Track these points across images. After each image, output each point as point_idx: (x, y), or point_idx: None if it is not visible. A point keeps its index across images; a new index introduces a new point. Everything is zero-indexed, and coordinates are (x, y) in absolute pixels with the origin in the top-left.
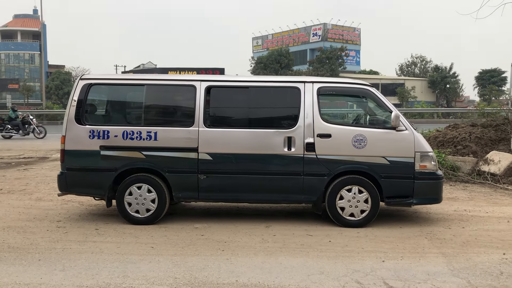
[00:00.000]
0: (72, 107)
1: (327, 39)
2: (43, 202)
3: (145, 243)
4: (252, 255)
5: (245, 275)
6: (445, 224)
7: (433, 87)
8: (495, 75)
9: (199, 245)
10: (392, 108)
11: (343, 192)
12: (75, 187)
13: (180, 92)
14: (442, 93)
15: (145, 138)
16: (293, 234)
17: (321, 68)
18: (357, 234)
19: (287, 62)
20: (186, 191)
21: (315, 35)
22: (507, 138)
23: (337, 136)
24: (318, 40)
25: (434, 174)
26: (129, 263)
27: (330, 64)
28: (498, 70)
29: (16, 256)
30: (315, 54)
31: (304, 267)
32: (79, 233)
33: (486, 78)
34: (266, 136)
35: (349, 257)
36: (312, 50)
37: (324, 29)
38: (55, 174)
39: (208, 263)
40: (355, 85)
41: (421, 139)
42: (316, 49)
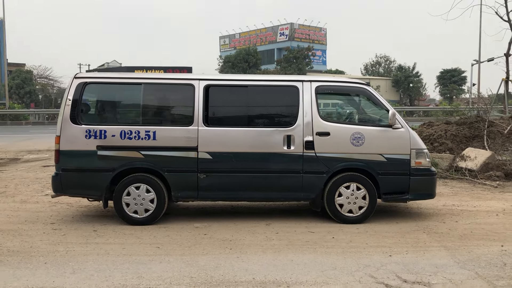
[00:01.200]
0: (67, 106)
1: (294, 38)
2: (29, 204)
3: (150, 244)
4: (261, 253)
5: (260, 273)
6: (438, 218)
7: (397, 86)
8: (456, 75)
9: (205, 244)
10: (389, 107)
11: (342, 189)
12: (70, 188)
13: (179, 91)
14: (405, 92)
15: (143, 137)
16: (295, 231)
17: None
18: (357, 230)
19: (255, 61)
20: (185, 191)
21: (282, 35)
22: (480, 135)
23: (336, 134)
24: (285, 40)
25: (428, 171)
26: (140, 264)
27: (297, 63)
28: (459, 69)
29: (19, 259)
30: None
31: (315, 264)
32: (77, 235)
33: (447, 77)
34: (265, 134)
35: (357, 253)
36: (280, 50)
37: (291, 29)
38: (32, 176)
39: (220, 262)
40: (352, 84)
41: (416, 136)
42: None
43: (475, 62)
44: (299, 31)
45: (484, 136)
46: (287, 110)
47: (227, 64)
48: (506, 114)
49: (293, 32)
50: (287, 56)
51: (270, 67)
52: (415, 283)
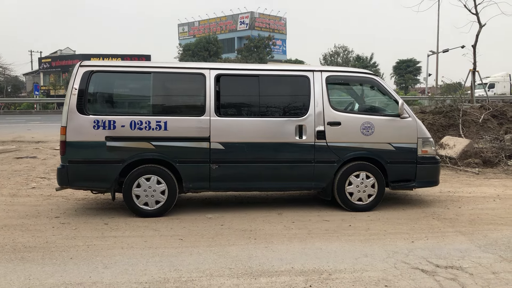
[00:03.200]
0: (73, 96)
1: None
2: (21, 198)
3: (170, 236)
4: (287, 242)
5: (296, 262)
6: (441, 204)
7: None
8: (411, 65)
9: (226, 235)
10: (396, 96)
11: (352, 178)
12: (77, 181)
13: (190, 80)
14: None
15: (154, 128)
16: (309, 220)
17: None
18: (369, 218)
19: (216, 49)
20: (197, 181)
21: (243, 23)
22: (455, 124)
23: (346, 124)
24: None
25: (434, 159)
26: (170, 257)
27: (258, 52)
28: (414, 60)
29: (41, 255)
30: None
31: (345, 251)
32: (90, 229)
33: (403, 67)
34: (277, 124)
35: (379, 240)
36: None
37: (251, 18)
38: (9, 168)
39: (251, 252)
40: (361, 74)
41: (422, 126)
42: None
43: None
44: (259, 20)
45: (459, 125)
46: (299, 100)
47: (187, 53)
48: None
49: (254, 21)
50: (248, 45)
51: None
52: (447, 267)
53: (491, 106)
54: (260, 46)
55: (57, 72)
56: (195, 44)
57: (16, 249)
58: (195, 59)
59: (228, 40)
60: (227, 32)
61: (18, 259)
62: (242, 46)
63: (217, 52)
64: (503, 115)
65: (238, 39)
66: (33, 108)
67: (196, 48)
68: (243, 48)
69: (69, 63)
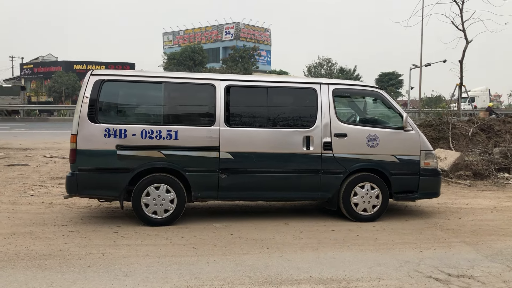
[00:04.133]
0: (84, 104)
1: (240, 38)
2: (22, 206)
3: (183, 244)
4: (300, 251)
5: (313, 271)
6: (442, 215)
7: None
8: (393, 78)
9: (238, 244)
10: (401, 110)
11: (357, 188)
12: (86, 189)
13: (200, 90)
14: None
15: (165, 137)
16: (317, 230)
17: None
18: (375, 228)
19: (201, 59)
20: (206, 191)
21: (228, 34)
22: (445, 137)
23: (352, 136)
24: (230, 39)
25: (435, 171)
26: (188, 265)
27: (243, 63)
28: (396, 73)
29: (58, 263)
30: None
31: (358, 260)
32: (101, 237)
33: (385, 80)
34: (286, 135)
35: (389, 249)
36: (225, 48)
37: (236, 28)
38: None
39: (266, 261)
40: (367, 87)
41: (424, 138)
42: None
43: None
44: (245, 30)
45: (449, 138)
46: (306, 111)
47: (172, 61)
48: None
49: (239, 32)
50: (233, 55)
51: (216, 65)
52: (459, 276)
53: (478, 120)
54: (245, 57)
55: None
56: (180, 53)
57: (31, 257)
58: (180, 68)
59: (213, 50)
60: (212, 42)
61: (35, 266)
62: (227, 56)
63: (202, 61)
64: (490, 128)
65: (223, 49)
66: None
67: (181, 57)
68: (228, 58)
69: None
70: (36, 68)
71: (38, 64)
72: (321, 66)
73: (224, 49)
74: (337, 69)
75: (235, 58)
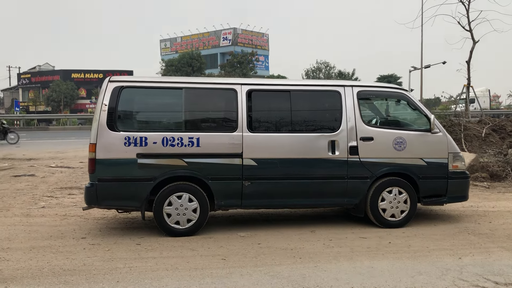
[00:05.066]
0: (103, 112)
1: (237, 43)
2: (36, 218)
3: (211, 255)
4: (335, 261)
5: (354, 281)
6: (470, 219)
7: None
8: (392, 80)
9: (268, 254)
10: (427, 112)
11: (384, 193)
12: (107, 200)
13: (221, 96)
14: None
15: (186, 144)
16: (346, 237)
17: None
18: (405, 234)
19: (199, 65)
20: (229, 199)
21: (225, 39)
22: (457, 138)
23: (379, 139)
24: (228, 45)
25: (464, 174)
26: (221, 278)
27: (241, 68)
28: (395, 75)
29: (85, 278)
30: (226, 58)
31: (397, 269)
32: (124, 250)
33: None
34: (310, 140)
35: (425, 257)
36: (223, 54)
37: (234, 34)
38: (10, 187)
39: (302, 272)
40: (392, 89)
41: (452, 141)
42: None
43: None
44: (242, 36)
45: (461, 140)
46: (330, 115)
47: (170, 68)
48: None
49: (236, 37)
50: (231, 60)
51: (214, 71)
52: (507, 284)
53: (489, 121)
54: (243, 62)
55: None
56: (179, 59)
57: (55, 273)
58: (178, 74)
59: (211, 56)
60: (209, 48)
61: (62, 282)
62: (225, 62)
63: (200, 67)
64: (502, 129)
65: (221, 54)
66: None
67: (180, 64)
68: (226, 63)
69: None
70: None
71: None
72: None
73: (222, 54)
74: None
75: (233, 64)
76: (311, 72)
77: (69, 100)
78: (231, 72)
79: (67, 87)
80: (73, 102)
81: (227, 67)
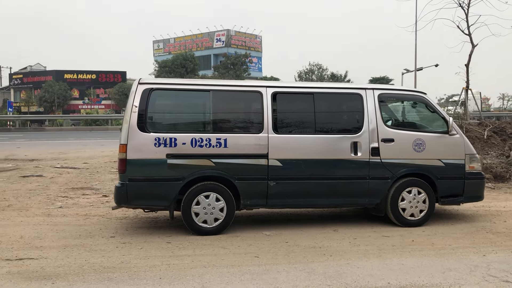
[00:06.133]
0: (133, 113)
1: (231, 45)
2: (58, 217)
3: (243, 253)
4: (365, 258)
5: (389, 278)
6: (485, 219)
7: None
8: (384, 83)
9: (299, 252)
10: (445, 114)
11: (404, 193)
12: (137, 199)
13: (247, 98)
14: None
15: (214, 145)
16: (369, 236)
17: (226, 73)
18: (426, 233)
19: (193, 66)
20: (255, 198)
21: (219, 41)
22: None
23: (399, 141)
24: (222, 46)
25: (480, 174)
26: (260, 274)
27: (235, 70)
28: (386, 78)
29: (127, 276)
30: (219, 59)
31: (427, 266)
32: (156, 248)
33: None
34: (333, 141)
35: (451, 254)
36: (216, 56)
37: (227, 35)
38: (22, 187)
39: (337, 269)
40: (412, 92)
41: (468, 142)
42: (221, 54)
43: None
44: (236, 37)
45: None
46: (353, 117)
47: (163, 69)
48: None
49: (230, 39)
50: (225, 62)
51: (208, 72)
52: None
53: (490, 123)
54: (237, 64)
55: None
56: (172, 60)
57: (96, 270)
58: (172, 75)
59: (204, 57)
60: (203, 49)
61: (105, 279)
62: (218, 63)
63: (194, 69)
64: (502, 131)
65: (215, 56)
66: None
67: (173, 65)
68: (220, 65)
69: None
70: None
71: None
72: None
73: (216, 56)
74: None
75: (227, 65)
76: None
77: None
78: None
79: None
80: (66, 102)
81: (220, 68)
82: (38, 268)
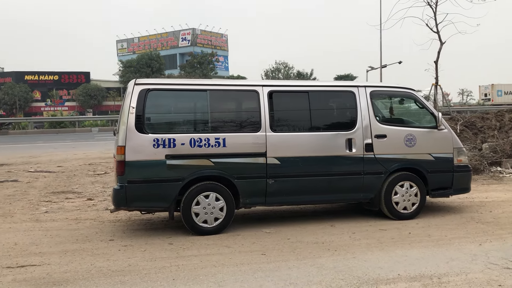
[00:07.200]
0: (131, 114)
1: (197, 44)
2: (47, 223)
3: (250, 251)
4: (369, 252)
5: (398, 269)
6: (471, 210)
7: None
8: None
9: (303, 248)
10: (433, 110)
11: (397, 187)
12: (136, 201)
13: (244, 97)
14: None
15: (213, 145)
16: (367, 230)
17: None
18: (419, 225)
19: (159, 66)
20: (254, 197)
21: (184, 40)
22: None
23: (392, 136)
24: (187, 45)
25: (467, 167)
26: (272, 271)
27: (201, 69)
28: (351, 75)
29: (139, 278)
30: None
31: (430, 257)
32: (159, 250)
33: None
34: (329, 138)
35: (449, 245)
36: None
37: (193, 34)
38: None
39: (346, 263)
40: (402, 89)
41: (455, 136)
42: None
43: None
44: (201, 36)
45: None
46: (347, 114)
47: (128, 69)
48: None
49: (195, 38)
50: (191, 61)
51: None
52: None
53: (460, 117)
54: (203, 63)
55: None
56: (137, 60)
57: (105, 274)
58: (137, 75)
59: (170, 57)
60: (168, 49)
61: (118, 283)
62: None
63: (160, 68)
64: (473, 125)
65: (180, 55)
66: None
67: (138, 65)
68: (186, 64)
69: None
70: None
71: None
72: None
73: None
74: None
75: (193, 64)
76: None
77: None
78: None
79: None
80: (27, 105)
81: (187, 67)
82: (44, 275)
